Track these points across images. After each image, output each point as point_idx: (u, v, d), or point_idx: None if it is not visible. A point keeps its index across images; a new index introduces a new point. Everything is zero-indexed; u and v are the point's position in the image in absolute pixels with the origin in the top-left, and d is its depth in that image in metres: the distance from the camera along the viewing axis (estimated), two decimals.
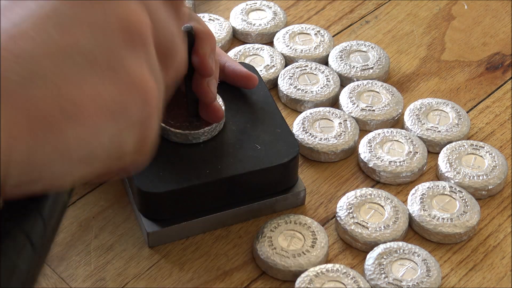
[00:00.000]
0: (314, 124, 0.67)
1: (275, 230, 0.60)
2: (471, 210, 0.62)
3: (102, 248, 0.60)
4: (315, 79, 0.71)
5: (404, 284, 0.57)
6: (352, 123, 0.67)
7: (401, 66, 0.75)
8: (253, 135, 0.61)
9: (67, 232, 0.61)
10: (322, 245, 0.59)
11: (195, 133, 0.60)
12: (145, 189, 0.58)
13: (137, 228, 0.62)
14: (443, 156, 0.66)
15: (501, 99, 0.72)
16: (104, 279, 0.59)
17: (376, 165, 0.65)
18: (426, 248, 0.61)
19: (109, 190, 0.64)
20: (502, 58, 0.76)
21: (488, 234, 0.62)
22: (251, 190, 0.61)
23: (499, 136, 0.69)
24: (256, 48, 0.74)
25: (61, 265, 0.59)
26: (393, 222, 0.61)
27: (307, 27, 0.76)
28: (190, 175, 0.59)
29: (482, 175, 0.64)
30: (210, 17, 0.77)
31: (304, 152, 0.66)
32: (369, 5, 0.81)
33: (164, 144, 0.60)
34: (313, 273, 0.57)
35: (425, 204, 0.62)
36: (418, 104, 0.69)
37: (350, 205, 0.62)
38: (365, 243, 0.60)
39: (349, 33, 0.78)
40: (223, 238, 0.61)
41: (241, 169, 0.59)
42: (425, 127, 0.68)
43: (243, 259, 0.60)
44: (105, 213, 0.63)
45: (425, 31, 0.78)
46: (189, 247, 0.61)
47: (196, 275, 0.59)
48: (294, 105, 0.70)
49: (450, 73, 0.74)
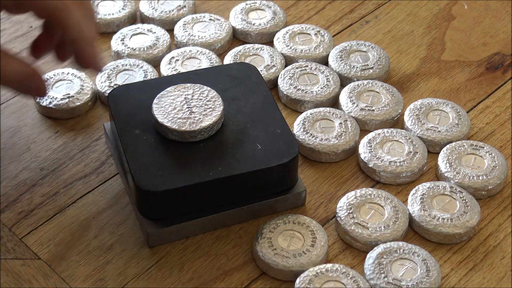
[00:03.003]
0: (315, 124, 0.67)
1: (274, 231, 0.60)
2: (471, 210, 0.62)
3: (102, 248, 0.60)
4: (315, 79, 0.71)
5: (404, 284, 0.57)
6: (352, 123, 0.67)
7: (401, 66, 0.75)
8: (253, 135, 0.61)
9: (67, 232, 0.61)
10: (322, 244, 0.59)
11: (192, 132, 0.60)
12: (144, 188, 0.58)
13: (137, 228, 0.62)
14: (443, 156, 0.66)
15: (501, 99, 0.72)
16: (104, 279, 0.59)
17: (376, 165, 0.65)
18: (426, 248, 0.61)
19: (109, 190, 0.64)
20: (502, 58, 0.76)
21: (488, 234, 0.62)
22: (250, 190, 0.61)
23: (499, 136, 0.69)
24: (256, 48, 0.74)
25: (61, 265, 0.59)
26: (393, 222, 0.61)
27: (307, 27, 0.76)
28: (190, 174, 0.59)
29: (482, 175, 0.64)
30: (210, 17, 0.77)
31: (305, 152, 0.66)
32: (369, 5, 0.81)
33: (164, 143, 0.60)
34: (312, 273, 0.57)
35: (425, 204, 0.62)
36: (418, 104, 0.69)
37: (350, 205, 0.62)
38: (365, 243, 0.60)
39: (349, 33, 0.78)
40: (223, 238, 0.61)
41: (241, 169, 0.59)
42: (425, 127, 0.68)
43: (243, 259, 0.60)
44: (105, 213, 0.63)
45: (425, 31, 0.78)
46: (189, 247, 0.61)
47: (196, 275, 0.59)
48: (294, 105, 0.70)
49: (450, 73, 0.74)
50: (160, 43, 0.74)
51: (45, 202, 0.63)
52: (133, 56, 0.73)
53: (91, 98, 0.70)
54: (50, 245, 0.60)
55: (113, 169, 0.65)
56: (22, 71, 0.57)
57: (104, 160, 0.66)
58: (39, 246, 0.60)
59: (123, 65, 0.72)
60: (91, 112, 0.70)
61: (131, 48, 0.73)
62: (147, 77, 0.71)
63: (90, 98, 0.69)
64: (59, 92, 0.69)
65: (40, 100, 0.69)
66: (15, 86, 0.57)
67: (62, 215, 0.62)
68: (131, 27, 0.76)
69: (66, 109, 0.69)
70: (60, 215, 0.62)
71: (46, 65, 0.73)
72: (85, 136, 0.68)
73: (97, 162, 0.66)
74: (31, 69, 0.57)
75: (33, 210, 0.63)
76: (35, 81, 0.58)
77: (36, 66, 0.57)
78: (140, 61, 0.72)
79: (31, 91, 0.58)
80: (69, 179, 0.65)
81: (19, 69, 0.57)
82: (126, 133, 0.61)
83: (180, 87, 0.63)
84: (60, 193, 0.64)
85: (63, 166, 0.66)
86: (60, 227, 0.62)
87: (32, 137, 0.67)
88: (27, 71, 0.57)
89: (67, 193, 0.64)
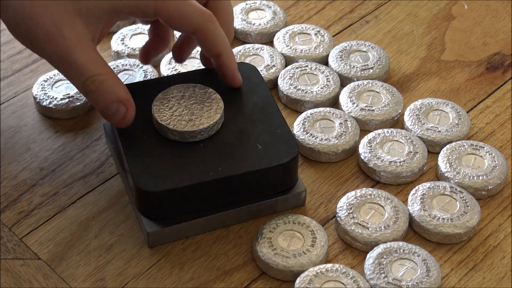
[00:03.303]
0: (315, 124, 0.67)
1: (274, 231, 0.60)
2: (472, 210, 0.62)
3: (102, 248, 0.60)
4: (315, 79, 0.71)
5: (404, 284, 0.57)
6: (352, 123, 0.67)
7: (401, 66, 0.75)
8: (253, 135, 0.61)
9: (67, 232, 0.61)
10: (322, 243, 0.59)
11: (192, 132, 0.60)
12: (144, 188, 0.58)
13: (137, 228, 0.62)
14: (443, 156, 0.66)
15: (501, 99, 0.72)
16: (104, 279, 0.59)
17: (376, 165, 0.65)
18: (426, 248, 0.61)
19: (109, 190, 0.64)
20: (502, 58, 0.76)
21: (488, 234, 0.62)
22: (251, 190, 0.61)
23: (499, 136, 0.69)
24: (256, 48, 0.74)
25: (61, 265, 0.59)
26: (393, 222, 0.61)
27: (307, 27, 0.76)
28: (189, 174, 0.59)
29: (482, 175, 0.64)
30: None
31: (305, 152, 0.66)
32: (369, 5, 0.81)
33: (164, 143, 0.60)
34: (312, 273, 0.57)
35: (426, 204, 0.62)
36: (418, 104, 0.69)
37: (350, 205, 0.62)
38: (365, 243, 0.60)
39: (349, 33, 0.78)
40: (223, 238, 0.61)
41: (241, 169, 0.59)
42: (425, 127, 0.68)
43: (243, 259, 0.60)
44: (105, 213, 0.63)
45: (425, 31, 0.78)
46: (189, 247, 0.61)
47: (196, 275, 0.59)
48: (294, 105, 0.70)
49: (450, 73, 0.74)
50: None
51: (45, 202, 0.63)
52: (133, 56, 0.73)
53: None
54: (50, 245, 0.60)
55: (113, 169, 0.65)
56: (122, 95, 0.59)
57: (104, 160, 0.66)
58: (39, 246, 0.60)
59: (123, 65, 0.72)
60: (91, 112, 0.70)
61: (131, 48, 0.73)
62: (147, 77, 0.71)
63: None
64: (59, 92, 0.69)
65: (40, 100, 0.69)
66: (107, 105, 0.59)
67: (62, 215, 0.62)
68: (131, 27, 0.76)
69: (66, 109, 0.69)
70: (60, 215, 0.62)
71: (46, 65, 0.73)
72: (85, 136, 0.68)
73: (97, 162, 0.66)
74: (129, 96, 0.59)
75: (33, 210, 0.63)
76: (127, 108, 0.59)
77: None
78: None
79: (117, 116, 0.59)
80: (69, 179, 0.65)
81: (119, 93, 0.59)
82: (126, 133, 0.61)
83: (180, 87, 0.63)
84: (60, 193, 0.64)
85: (63, 166, 0.65)
86: (60, 227, 0.62)
87: (32, 137, 0.67)
88: (126, 97, 0.59)
89: (67, 193, 0.64)
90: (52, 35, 0.57)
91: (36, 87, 0.70)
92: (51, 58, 0.58)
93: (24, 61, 0.73)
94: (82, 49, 0.58)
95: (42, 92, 0.69)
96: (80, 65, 0.58)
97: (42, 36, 0.57)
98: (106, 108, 0.59)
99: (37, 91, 0.69)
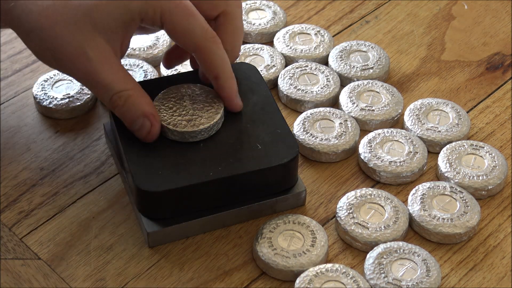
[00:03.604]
0: (315, 124, 0.67)
1: (274, 231, 0.60)
2: (472, 210, 0.62)
3: (102, 248, 0.60)
4: (315, 79, 0.71)
5: (404, 284, 0.57)
6: (352, 123, 0.67)
7: (401, 66, 0.75)
8: (253, 135, 0.61)
9: (67, 232, 0.61)
10: (322, 243, 0.59)
11: (192, 132, 0.60)
12: (144, 188, 0.58)
13: (137, 228, 0.62)
14: (443, 156, 0.66)
15: (501, 99, 0.72)
16: (104, 279, 0.59)
17: (376, 165, 0.65)
18: (426, 248, 0.61)
19: (109, 190, 0.64)
20: (502, 58, 0.76)
21: (488, 234, 0.62)
22: (251, 190, 0.61)
23: (499, 136, 0.69)
24: (256, 48, 0.74)
25: (61, 265, 0.59)
26: (393, 222, 0.61)
27: (307, 27, 0.76)
28: (190, 174, 0.59)
29: (482, 175, 0.64)
30: None
31: (305, 152, 0.66)
32: (369, 5, 0.81)
33: (164, 143, 0.60)
34: (312, 273, 0.57)
35: (426, 204, 0.62)
36: (418, 104, 0.69)
37: (350, 205, 0.62)
38: (365, 243, 0.60)
39: (349, 33, 0.78)
40: (223, 238, 0.61)
41: (241, 169, 0.59)
42: (425, 127, 0.68)
43: (243, 259, 0.60)
44: (105, 213, 0.63)
45: (425, 31, 0.78)
46: (189, 247, 0.61)
47: (196, 275, 0.59)
48: (294, 106, 0.70)
49: (450, 73, 0.74)
50: (160, 43, 0.74)
51: (45, 202, 0.63)
52: (133, 56, 0.73)
53: (91, 98, 0.70)
54: (50, 245, 0.60)
55: (113, 169, 0.65)
56: (147, 110, 0.59)
57: (104, 160, 0.66)
58: (39, 246, 0.60)
59: (123, 65, 0.71)
60: (91, 112, 0.70)
61: (131, 48, 0.73)
62: (147, 77, 0.71)
63: (90, 98, 0.69)
64: (59, 92, 0.69)
65: (40, 100, 0.69)
66: (133, 120, 0.60)
67: (62, 215, 0.62)
68: None
69: (66, 109, 0.69)
70: (60, 215, 0.62)
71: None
72: (85, 136, 0.68)
73: (97, 162, 0.66)
74: (155, 111, 0.60)
75: (33, 210, 0.63)
76: (151, 123, 0.60)
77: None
78: (140, 61, 0.72)
79: (142, 130, 0.60)
80: (69, 179, 0.65)
81: (145, 107, 0.60)
82: (126, 133, 0.61)
83: (180, 87, 0.63)
84: (60, 193, 0.64)
85: (63, 166, 0.65)
86: (60, 227, 0.62)
87: (32, 137, 0.67)
88: (151, 112, 0.60)
89: (67, 193, 0.64)
90: (76, 57, 0.58)
91: (36, 87, 0.70)
92: (77, 77, 0.59)
93: (24, 61, 0.73)
94: (107, 67, 0.59)
95: (42, 92, 0.69)
96: (106, 84, 0.59)
97: (66, 58, 0.58)
98: (133, 123, 0.60)
99: (37, 91, 0.69)
